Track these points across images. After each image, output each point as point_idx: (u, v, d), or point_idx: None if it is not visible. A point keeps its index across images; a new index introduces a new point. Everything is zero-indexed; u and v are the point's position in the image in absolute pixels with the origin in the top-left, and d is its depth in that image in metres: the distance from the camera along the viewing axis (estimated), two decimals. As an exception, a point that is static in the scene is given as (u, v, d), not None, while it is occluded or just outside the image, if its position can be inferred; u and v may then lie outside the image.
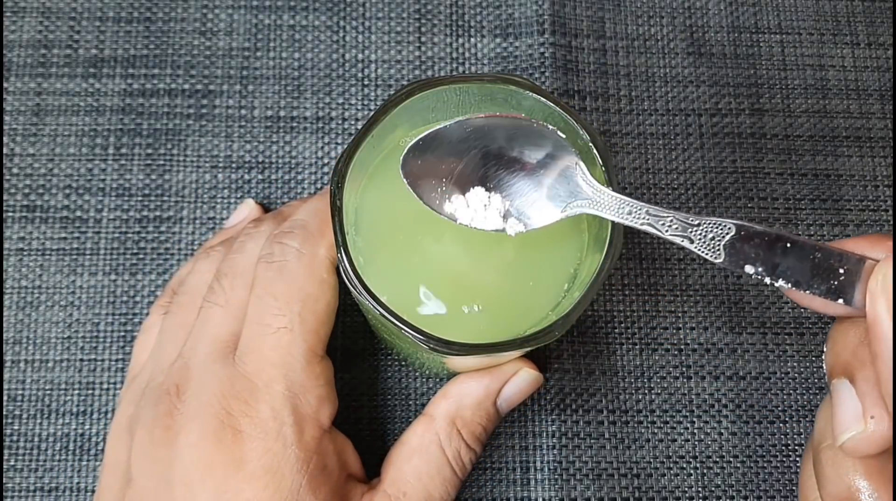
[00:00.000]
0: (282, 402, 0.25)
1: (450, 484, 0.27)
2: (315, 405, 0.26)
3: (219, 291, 0.28)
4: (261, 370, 0.26)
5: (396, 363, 0.33)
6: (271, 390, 0.25)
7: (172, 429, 0.25)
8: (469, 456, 0.28)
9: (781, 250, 0.21)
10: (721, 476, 0.33)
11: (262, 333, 0.26)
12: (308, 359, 0.26)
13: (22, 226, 0.34)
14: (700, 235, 0.22)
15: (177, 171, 0.35)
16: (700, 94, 0.37)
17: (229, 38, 0.36)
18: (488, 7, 0.37)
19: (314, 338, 0.26)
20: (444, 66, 0.36)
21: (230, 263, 0.28)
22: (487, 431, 0.28)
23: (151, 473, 0.26)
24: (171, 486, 0.25)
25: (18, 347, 0.33)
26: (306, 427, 0.26)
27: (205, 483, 0.24)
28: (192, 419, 0.25)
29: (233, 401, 0.25)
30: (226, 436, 0.25)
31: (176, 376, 0.27)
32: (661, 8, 0.38)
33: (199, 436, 0.25)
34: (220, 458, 0.25)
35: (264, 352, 0.26)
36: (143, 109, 0.35)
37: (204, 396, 0.25)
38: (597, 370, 0.33)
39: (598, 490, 0.32)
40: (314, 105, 0.36)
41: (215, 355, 0.26)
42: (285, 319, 0.26)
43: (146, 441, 0.26)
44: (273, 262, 0.27)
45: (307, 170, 0.35)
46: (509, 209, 0.24)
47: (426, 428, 0.28)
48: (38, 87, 0.36)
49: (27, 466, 0.32)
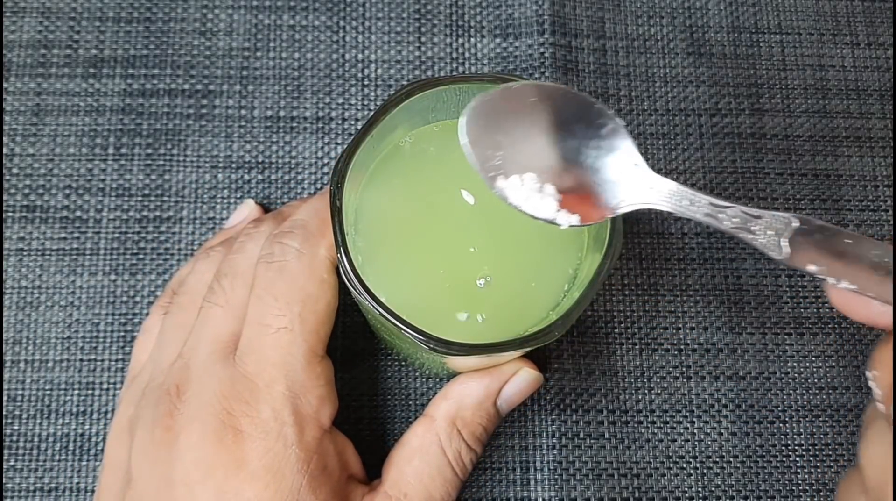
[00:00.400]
0: (282, 402, 0.25)
1: (451, 485, 0.27)
2: (316, 405, 0.26)
3: (219, 291, 0.28)
4: (261, 370, 0.26)
5: (396, 363, 0.33)
6: (272, 390, 0.25)
7: (173, 430, 0.25)
8: (470, 457, 0.28)
9: (843, 248, 0.20)
10: (721, 476, 0.33)
11: (262, 333, 0.26)
12: (308, 359, 0.26)
13: (22, 226, 0.34)
14: (762, 228, 0.21)
15: (177, 171, 0.35)
16: (700, 94, 0.37)
17: (229, 38, 0.36)
18: (488, 7, 0.37)
19: (314, 338, 0.26)
20: (444, 66, 0.36)
21: (230, 263, 0.28)
22: (488, 431, 0.28)
23: (152, 473, 0.26)
24: (172, 486, 0.25)
25: (18, 347, 0.33)
26: (307, 428, 0.26)
27: (206, 483, 0.24)
28: (192, 420, 0.25)
29: (234, 402, 0.25)
30: (227, 436, 0.25)
31: (176, 376, 0.27)
32: (661, 8, 0.38)
33: (200, 436, 0.25)
34: (222, 458, 0.25)
35: (265, 352, 0.26)
36: (143, 109, 0.35)
37: (204, 396, 0.25)
38: (597, 370, 0.33)
39: (598, 490, 0.32)
40: (314, 105, 0.36)
41: (216, 355, 0.26)
42: (286, 319, 0.26)
43: (146, 441, 0.26)
44: (273, 262, 0.27)
45: (307, 170, 0.35)
46: (560, 199, 0.23)
47: (427, 429, 0.28)
48: (38, 87, 0.36)
49: (27, 466, 0.32)
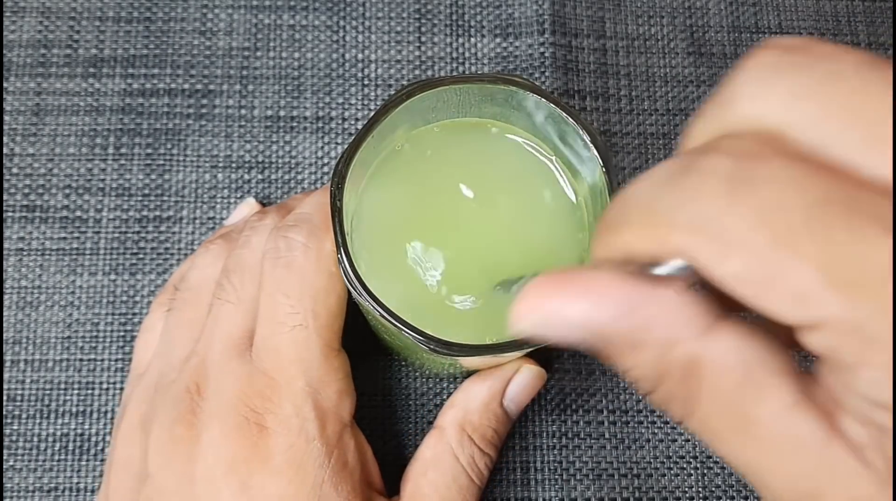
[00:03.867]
0: (303, 398, 0.26)
1: (468, 492, 0.27)
2: (335, 399, 0.26)
3: (228, 288, 0.28)
4: (280, 367, 0.26)
5: (396, 363, 0.33)
6: (292, 386, 0.26)
7: (195, 427, 0.25)
8: (484, 461, 0.28)
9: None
10: (721, 476, 0.33)
11: (277, 331, 0.26)
12: (326, 354, 0.26)
13: (22, 226, 0.34)
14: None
15: (177, 171, 0.35)
16: (700, 94, 0.37)
17: (229, 37, 0.36)
18: (488, 7, 0.37)
19: (329, 333, 0.26)
20: (444, 66, 0.36)
21: (236, 259, 0.28)
22: (499, 433, 0.28)
23: (171, 470, 0.26)
24: (193, 482, 0.25)
25: (18, 347, 0.33)
26: (328, 422, 0.26)
27: (229, 478, 0.25)
28: (214, 417, 0.25)
29: (255, 399, 0.25)
30: (251, 432, 0.25)
31: (193, 374, 0.27)
32: (661, 8, 0.38)
33: (222, 433, 0.25)
34: (245, 454, 0.25)
35: (282, 350, 0.26)
36: (142, 109, 0.35)
37: (225, 394, 0.26)
38: (597, 370, 0.33)
39: (598, 490, 0.32)
40: (314, 105, 0.36)
41: (231, 352, 0.26)
42: (299, 316, 0.26)
43: (165, 438, 0.26)
44: (280, 258, 0.27)
45: (307, 170, 0.35)
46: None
47: (438, 440, 0.28)
48: (38, 87, 0.36)
49: (26, 466, 0.32)
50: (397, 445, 0.32)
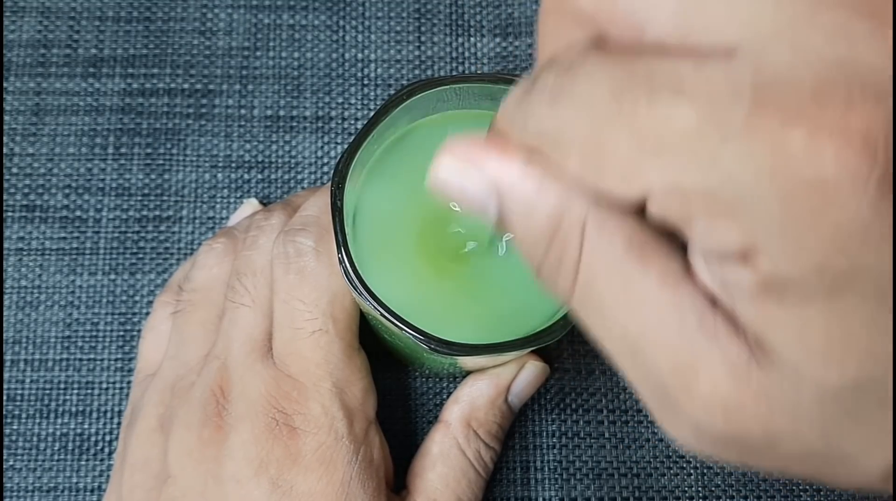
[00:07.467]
0: (331, 398, 0.26)
1: (475, 485, 0.28)
2: (361, 397, 0.27)
3: (242, 291, 0.28)
4: (306, 370, 0.26)
5: (397, 363, 0.33)
6: (320, 388, 0.26)
7: (223, 429, 0.26)
8: (490, 455, 0.29)
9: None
10: (721, 476, 0.33)
11: (297, 337, 0.26)
12: (348, 355, 0.27)
13: (21, 226, 0.34)
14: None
15: (176, 170, 0.35)
16: (700, 94, 0.37)
17: (229, 37, 0.36)
18: (488, 7, 0.37)
19: (349, 334, 0.27)
20: (444, 65, 0.36)
21: (246, 261, 0.28)
22: (503, 428, 0.29)
23: (196, 471, 0.26)
24: (221, 483, 0.25)
25: (18, 347, 0.33)
26: (355, 420, 0.26)
27: (259, 478, 0.25)
28: (242, 419, 0.26)
29: (283, 401, 0.26)
30: (281, 433, 0.25)
31: (216, 376, 0.27)
32: (661, 8, 0.38)
33: (252, 435, 0.25)
34: (275, 453, 0.25)
35: (304, 355, 0.26)
36: (142, 109, 0.35)
37: (251, 396, 0.26)
38: (597, 370, 0.33)
39: (598, 490, 0.32)
40: (314, 105, 0.36)
41: (253, 355, 0.27)
42: (318, 322, 0.26)
43: (191, 440, 0.26)
44: (291, 264, 0.27)
45: (307, 169, 0.35)
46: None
47: (444, 435, 0.28)
48: (38, 86, 0.36)
49: (26, 466, 0.32)
50: (397, 444, 0.32)
